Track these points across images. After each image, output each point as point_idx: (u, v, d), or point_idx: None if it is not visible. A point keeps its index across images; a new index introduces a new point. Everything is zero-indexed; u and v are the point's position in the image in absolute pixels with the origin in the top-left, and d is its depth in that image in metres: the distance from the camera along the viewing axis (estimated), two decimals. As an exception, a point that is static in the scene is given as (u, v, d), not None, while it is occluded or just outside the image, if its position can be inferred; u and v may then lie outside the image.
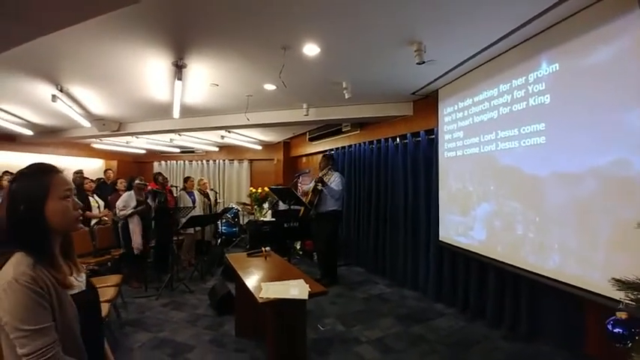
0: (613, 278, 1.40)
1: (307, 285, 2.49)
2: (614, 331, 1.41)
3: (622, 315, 1.41)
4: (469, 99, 3.51)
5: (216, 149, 9.41)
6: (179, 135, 7.05)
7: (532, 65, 2.68)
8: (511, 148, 2.94)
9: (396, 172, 4.95)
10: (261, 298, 2.28)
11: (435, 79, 3.71)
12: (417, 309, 3.94)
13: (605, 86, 2.13)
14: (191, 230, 5.52)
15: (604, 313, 1.66)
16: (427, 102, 4.36)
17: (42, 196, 1.02)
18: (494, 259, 3.17)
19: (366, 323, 3.54)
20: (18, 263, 0.95)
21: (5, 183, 4.57)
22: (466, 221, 3.59)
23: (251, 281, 2.64)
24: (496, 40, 2.68)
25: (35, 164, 1.09)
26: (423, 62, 2.83)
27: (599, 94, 2.17)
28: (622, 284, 1.34)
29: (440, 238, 4.06)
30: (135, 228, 4.62)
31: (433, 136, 4.28)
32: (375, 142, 5.47)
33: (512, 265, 2.95)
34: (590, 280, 2.24)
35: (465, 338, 3.21)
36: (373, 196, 5.46)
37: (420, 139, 4.51)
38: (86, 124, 5.29)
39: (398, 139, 4.94)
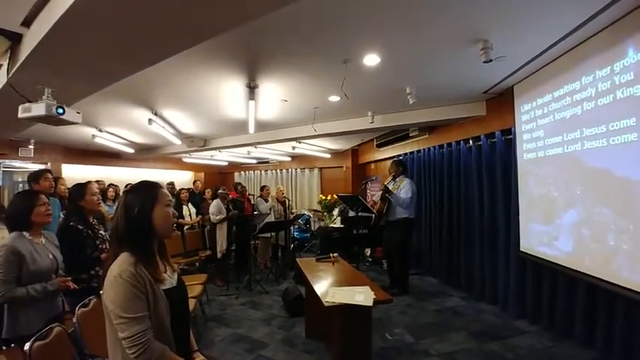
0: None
1: (373, 292, 2.51)
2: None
3: None
4: (548, 94, 3.20)
5: (289, 159, 9.91)
6: (255, 147, 7.65)
7: (617, 53, 2.37)
8: (598, 147, 2.61)
9: (470, 177, 4.67)
10: (327, 302, 2.38)
11: (508, 76, 3.46)
12: (494, 324, 3.66)
13: None
14: (267, 235, 5.91)
15: None
16: (502, 100, 4.07)
17: (151, 204, 1.26)
18: (582, 273, 2.83)
19: (436, 336, 3.40)
20: (122, 262, 1.18)
21: (111, 194, 5.56)
22: (550, 230, 3.25)
23: (319, 285, 2.76)
24: (572, 30, 2.43)
25: (145, 181, 1.35)
26: (491, 60, 2.68)
27: None
28: None
29: (521, 249, 3.72)
30: (222, 234, 5.17)
31: (510, 137, 3.97)
32: (445, 145, 5.24)
33: (603, 280, 2.60)
34: None
35: (548, 359, 2.89)
36: (445, 203, 5.21)
37: (495, 140, 4.22)
38: (177, 141, 6.09)
39: (471, 142, 4.68)
